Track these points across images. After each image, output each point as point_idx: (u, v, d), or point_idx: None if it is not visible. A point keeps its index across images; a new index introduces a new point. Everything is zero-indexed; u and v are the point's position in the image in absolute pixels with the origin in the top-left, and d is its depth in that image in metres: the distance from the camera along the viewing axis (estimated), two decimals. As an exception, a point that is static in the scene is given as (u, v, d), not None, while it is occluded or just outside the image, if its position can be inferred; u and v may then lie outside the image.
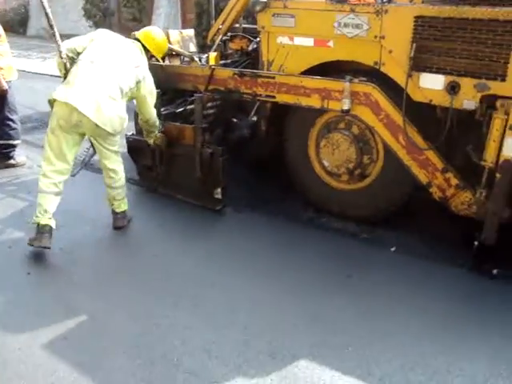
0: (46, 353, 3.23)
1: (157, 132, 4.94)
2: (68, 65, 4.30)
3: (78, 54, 4.36)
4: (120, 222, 4.72)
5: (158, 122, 4.89)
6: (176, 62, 5.97)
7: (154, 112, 4.76)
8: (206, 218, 4.95)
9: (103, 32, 4.58)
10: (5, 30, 6.09)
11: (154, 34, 4.82)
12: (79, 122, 4.15)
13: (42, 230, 4.21)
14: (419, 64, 4.04)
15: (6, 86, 5.91)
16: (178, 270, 4.12)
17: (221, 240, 4.61)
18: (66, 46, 4.32)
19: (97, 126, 4.16)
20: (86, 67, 4.23)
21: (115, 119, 4.26)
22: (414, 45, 3.98)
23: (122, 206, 4.72)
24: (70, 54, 4.34)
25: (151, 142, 5.00)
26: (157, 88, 4.72)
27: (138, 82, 4.44)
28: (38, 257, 4.26)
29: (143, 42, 4.70)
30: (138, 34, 4.78)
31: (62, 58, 4.27)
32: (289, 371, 3.09)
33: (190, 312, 3.61)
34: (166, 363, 3.14)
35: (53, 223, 4.29)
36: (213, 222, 4.93)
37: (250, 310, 3.64)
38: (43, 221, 4.23)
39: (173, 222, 4.90)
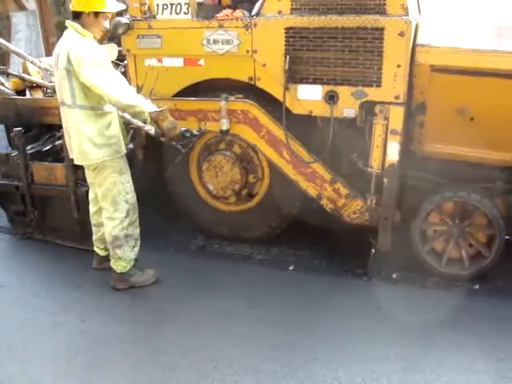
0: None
1: (147, 108, 3.61)
2: None
3: None
4: (114, 283, 4.11)
5: (130, 97, 3.60)
6: (39, 95, 5.51)
7: (112, 85, 3.56)
8: (90, 262, 4.49)
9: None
10: None
11: None
12: None
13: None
14: (295, 76, 3.93)
15: None
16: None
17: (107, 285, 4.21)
18: None
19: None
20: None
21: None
22: (288, 57, 3.87)
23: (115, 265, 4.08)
24: None
25: (152, 131, 3.79)
26: (18, 125, 4.22)
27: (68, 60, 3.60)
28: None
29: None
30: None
31: None
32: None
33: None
34: None
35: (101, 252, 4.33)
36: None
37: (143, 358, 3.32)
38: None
39: (50, 273, 4.40)
